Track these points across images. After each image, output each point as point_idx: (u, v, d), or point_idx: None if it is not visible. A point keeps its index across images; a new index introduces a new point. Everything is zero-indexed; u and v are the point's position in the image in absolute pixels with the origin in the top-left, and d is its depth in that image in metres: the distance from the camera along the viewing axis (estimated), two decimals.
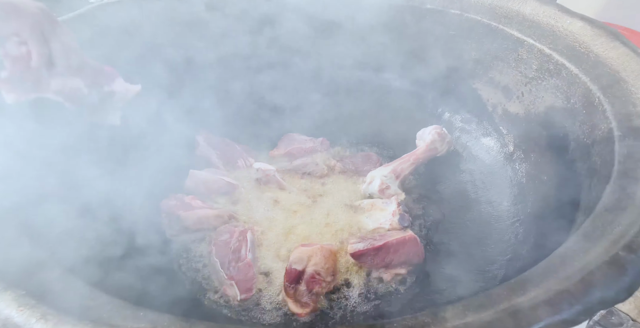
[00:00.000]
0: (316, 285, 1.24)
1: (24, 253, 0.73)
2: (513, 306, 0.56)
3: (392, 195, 1.55)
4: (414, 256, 1.34)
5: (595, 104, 1.09)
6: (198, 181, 1.57)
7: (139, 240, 1.35)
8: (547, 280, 0.61)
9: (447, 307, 0.61)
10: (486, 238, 1.40)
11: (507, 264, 1.26)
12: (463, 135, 1.79)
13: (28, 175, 0.99)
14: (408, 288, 1.30)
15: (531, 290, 0.59)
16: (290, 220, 1.51)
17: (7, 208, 0.82)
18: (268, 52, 1.86)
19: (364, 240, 1.37)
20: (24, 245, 0.77)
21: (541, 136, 1.42)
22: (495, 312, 0.56)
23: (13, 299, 0.58)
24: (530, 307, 0.54)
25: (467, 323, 0.56)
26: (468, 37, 1.65)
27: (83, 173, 1.19)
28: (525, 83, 1.49)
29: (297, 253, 1.29)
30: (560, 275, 0.61)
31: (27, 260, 0.69)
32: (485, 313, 0.57)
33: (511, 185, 1.51)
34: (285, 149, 1.79)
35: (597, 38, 1.20)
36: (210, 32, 1.72)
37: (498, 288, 0.63)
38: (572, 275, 0.59)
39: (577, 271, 0.60)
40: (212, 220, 1.46)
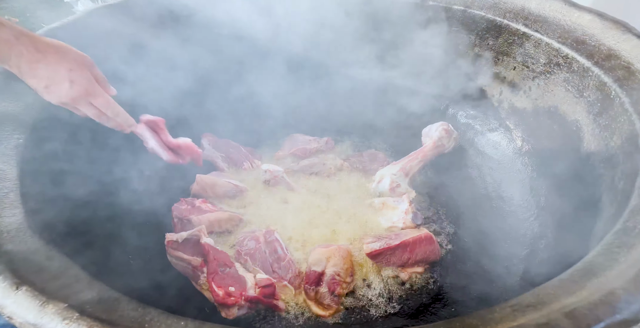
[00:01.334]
0: (337, 286, 1.22)
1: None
2: (566, 306, 0.55)
3: (403, 194, 1.54)
4: (431, 254, 1.33)
5: (611, 96, 1.09)
6: (205, 185, 1.54)
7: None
8: (595, 278, 0.60)
9: (494, 309, 0.60)
10: (501, 233, 1.39)
11: (526, 259, 1.25)
12: (468, 131, 1.79)
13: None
14: (427, 287, 1.29)
15: (581, 289, 0.58)
16: (302, 221, 1.49)
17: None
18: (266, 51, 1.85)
19: (380, 240, 1.36)
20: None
21: (551, 130, 1.42)
22: (548, 312, 0.55)
23: (55, 313, 0.56)
24: (586, 306, 0.53)
25: (521, 325, 0.54)
26: (472, 33, 1.65)
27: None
28: (532, 77, 1.49)
29: (315, 254, 1.28)
30: (611, 273, 0.60)
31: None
32: (537, 314, 0.55)
33: (522, 180, 1.51)
34: (289, 150, 1.77)
35: (607, 31, 1.20)
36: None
37: (544, 288, 0.61)
38: (624, 272, 0.59)
39: (629, 267, 0.59)
40: (223, 223, 1.44)
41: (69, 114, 1.03)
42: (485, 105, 1.73)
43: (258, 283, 1.23)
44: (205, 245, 1.29)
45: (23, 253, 0.65)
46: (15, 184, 0.79)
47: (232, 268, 1.28)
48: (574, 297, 0.57)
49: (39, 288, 0.59)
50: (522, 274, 1.20)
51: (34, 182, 0.86)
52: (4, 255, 0.64)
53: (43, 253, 0.66)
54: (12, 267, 0.61)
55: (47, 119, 1.03)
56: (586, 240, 0.99)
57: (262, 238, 1.36)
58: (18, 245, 0.67)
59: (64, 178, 1.04)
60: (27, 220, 0.73)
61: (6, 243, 0.66)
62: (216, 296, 1.20)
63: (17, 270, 0.61)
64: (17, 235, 0.69)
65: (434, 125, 1.71)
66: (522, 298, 0.61)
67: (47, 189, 0.92)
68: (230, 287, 1.22)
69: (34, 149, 0.93)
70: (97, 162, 1.21)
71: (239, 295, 1.20)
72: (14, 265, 0.62)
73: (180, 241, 1.31)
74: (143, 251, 1.33)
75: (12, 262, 0.62)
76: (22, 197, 0.77)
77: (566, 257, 1.08)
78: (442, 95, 1.87)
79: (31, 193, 0.82)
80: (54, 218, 0.86)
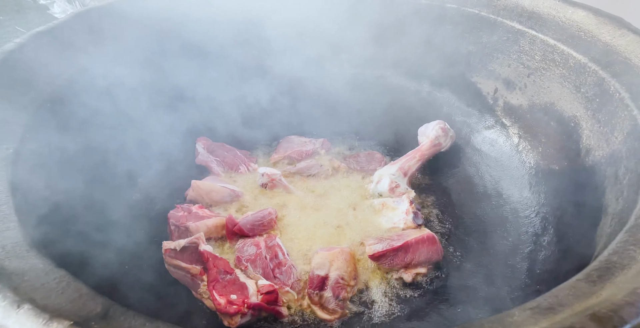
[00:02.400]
0: (342, 290, 1.20)
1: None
2: (589, 308, 0.53)
3: (403, 194, 1.53)
4: (434, 254, 1.32)
5: (610, 91, 1.09)
6: (201, 191, 1.51)
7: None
8: (614, 277, 0.59)
9: (512, 312, 0.58)
10: (503, 231, 1.39)
11: (529, 256, 1.25)
12: (464, 129, 1.78)
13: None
14: (431, 287, 1.28)
15: (601, 289, 0.57)
16: (302, 223, 1.47)
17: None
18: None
19: (382, 241, 1.35)
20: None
21: (548, 127, 1.42)
22: (570, 315, 0.53)
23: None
24: (609, 308, 0.52)
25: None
26: (465, 31, 1.64)
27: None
28: (528, 74, 1.49)
29: (318, 258, 1.26)
30: (629, 272, 0.59)
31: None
32: (559, 317, 0.54)
33: (520, 177, 1.50)
34: (284, 153, 1.74)
35: (602, 26, 1.20)
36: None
37: (561, 289, 0.60)
38: None
39: None
40: (221, 228, 1.41)
41: (59, 121, 0.99)
42: (480, 102, 1.73)
43: (260, 290, 1.21)
44: (205, 252, 1.26)
45: (22, 269, 0.62)
46: (7, 196, 0.75)
47: (232, 275, 1.26)
48: (594, 298, 0.56)
49: (41, 306, 0.56)
50: (527, 272, 1.20)
51: (26, 194, 0.82)
52: (2, 272, 0.60)
53: (42, 269, 0.63)
54: (11, 284, 0.58)
55: (37, 126, 0.99)
56: (591, 236, 0.99)
57: (262, 244, 1.34)
58: (16, 261, 0.63)
59: (57, 189, 1.00)
60: (23, 234, 0.69)
61: (3, 259, 0.63)
62: (218, 305, 1.17)
63: (17, 287, 0.58)
64: (13, 250, 0.65)
65: (430, 124, 1.70)
66: (541, 300, 0.59)
67: (40, 201, 0.88)
68: (232, 295, 1.19)
69: (25, 158, 0.89)
70: (89, 171, 1.17)
71: (242, 303, 1.17)
72: (13, 282, 0.59)
73: (178, 249, 1.28)
74: (139, 260, 1.30)
75: (11, 279, 0.59)
76: (15, 210, 0.74)
77: (571, 253, 1.08)
78: (436, 93, 1.86)
79: (25, 205, 0.78)
80: (49, 230, 0.82)
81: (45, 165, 1.00)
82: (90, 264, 1.07)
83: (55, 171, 1.04)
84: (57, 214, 0.96)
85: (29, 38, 1.18)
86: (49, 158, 1.02)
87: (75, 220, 1.08)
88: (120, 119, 1.41)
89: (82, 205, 1.13)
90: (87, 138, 1.24)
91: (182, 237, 1.38)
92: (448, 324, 1.15)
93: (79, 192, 1.13)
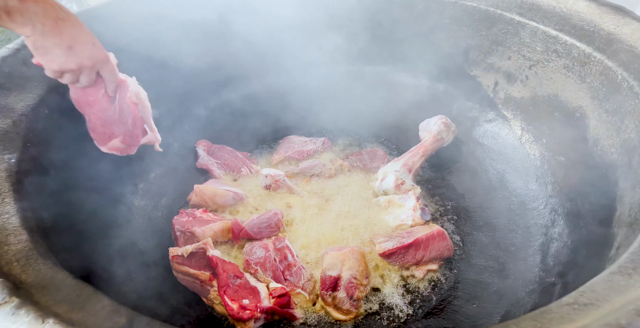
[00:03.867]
0: (355, 290, 1.19)
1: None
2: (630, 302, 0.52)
3: (408, 190, 1.52)
4: (444, 250, 1.31)
5: (618, 80, 1.09)
6: (204, 196, 1.47)
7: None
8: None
9: (550, 309, 0.57)
10: (511, 224, 1.38)
11: (541, 248, 1.24)
12: (465, 123, 1.77)
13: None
14: (444, 283, 1.27)
15: None
16: (308, 224, 1.45)
17: None
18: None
19: (392, 239, 1.33)
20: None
21: (552, 118, 1.41)
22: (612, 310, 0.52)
23: None
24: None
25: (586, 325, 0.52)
26: (464, 24, 1.63)
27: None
28: (529, 66, 1.48)
29: (329, 259, 1.23)
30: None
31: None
32: (601, 312, 0.53)
33: (525, 169, 1.50)
34: (285, 153, 1.71)
35: (605, 15, 1.20)
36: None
37: (596, 283, 0.59)
38: None
39: None
40: (227, 232, 1.38)
41: (60, 127, 0.96)
42: (480, 96, 1.72)
43: (272, 293, 1.19)
44: (213, 257, 1.23)
45: (41, 283, 0.59)
46: (14, 208, 0.72)
47: (242, 279, 1.23)
48: (634, 292, 0.55)
49: (66, 320, 0.53)
50: (540, 264, 1.19)
51: (33, 204, 0.78)
52: (22, 286, 0.57)
53: (61, 281, 0.60)
54: (32, 299, 0.55)
55: (37, 135, 0.95)
56: (607, 226, 0.98)
57: (271, 246, 1.32)
58: (33, 274, 0.60)
59: (62, 198, 0.96)
60: (36, 246, 0.66)
61: (20, 273, 0.60)
62: (231, 311, 1.14)
63: (38, 301, 0.55)
64: (28, 263, 0.62)
65: (432, 119, 1.69)
66: (577, 295, 0.58)
67: (47, 210, 0.84)
68: (244, 300, 1.17)
69: (28, 168, 0.85)
70: (92, 178, 1.13)
71: (254, 307, 1.15)
72: (34, 296, 0.56)
73: (185, 255, 1.25)
74: (146, 268, 1.27)
75: (31, 293, 0.56)
76: (24, 221, 0.70)
77: (586, 244, 1.08)
78: (435, 88, 1.85)
79: (32, 216, 0.75)
80: (58, 241, 0.79)
81: (46, 175, 0.96)
82: (95, 274, 1.04)
83: (56, 182, 1.00)
84: (61, 224, 0.93)
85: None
86: (50, 167, 0.98)
87: (79, 230, 1.05)
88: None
89: (85, 215, 1.10)
90: (84, 147, 1.20)
91: (188, 242, 1.35)
92: (465, 321, 1.14)
93: (81, 202, 1.09)
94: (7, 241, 0.65)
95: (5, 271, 0.60)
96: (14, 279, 0.59)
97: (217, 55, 1.66)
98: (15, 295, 0.55)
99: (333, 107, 1.91)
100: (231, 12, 1.63)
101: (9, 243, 0.65)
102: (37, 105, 0.98)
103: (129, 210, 1.38)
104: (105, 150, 1.19)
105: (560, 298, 0.59)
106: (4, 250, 0.64)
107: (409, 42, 1.77)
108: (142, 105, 1.21)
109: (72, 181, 1.06)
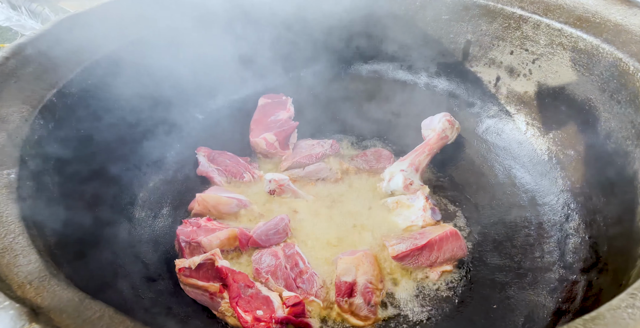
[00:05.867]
0: (372, 295, 1.15)
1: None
2: None
3: (417, 190, 1.49)
4: (458, 250, 1.28)
5: (630, 71, 1.07)
6: (208, 205, 1.42)
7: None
8: None
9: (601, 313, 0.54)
10: (523, 220, 1.36)
11: (557, 245, 1.22)
12: (468, 120, 1.75)
13: None
14: (460, 285, 1.24)
15: None
16: (317, 228, 1.41)
17: None
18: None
19: (405, 241, 1.30)
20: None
21: (559, 112, 1.40)
22: None
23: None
24: None
25: None
26: (463, 20, 1.61)
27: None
28: (532, 60, 1.46)
29: (343, 264, 1.20)
30: None
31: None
32: None
33: (533, 164, 1.48)
34: (293, 159, 1.65)
35: (611, 6, 1.19)
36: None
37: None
38: None
39: None
40: (233, 240, 1.33)
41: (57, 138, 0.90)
42: (482, 92, 1.70)
43: (286, 302, 1.14)
44: (223, 268, 1.19)
45: (58, 305, 0.54)
46: (20, 227, 0.66)
47: (253, 288, 1.19)
48: None
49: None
50: (559, 262, 1.17)
51: (37, 221, 0.73)
52: (40, 312, 0.52)
53: (79, 303, 0.55)
54: (53, 324, 0.50)
55: (34, 147, 0.90)
56: (629, 219, 0.96)
57: (281, 253, 1.27)
58: (49, 297, 0.55)
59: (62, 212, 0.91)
60: (47, 266, 0.61)
61: (34, 296, 0.55)
62: (245, 323, 1.10)
63: (59, 327, 0.50)
64: (42, 285, 0.57)
65: (435, 117, 1.67)
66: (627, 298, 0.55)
67: (50, 228, 0.79)
68: (258, 311, 1.12)
69: (28, 183, 0.80)
70: (91, 189, 1.08)
71: (269, 318, 1.10)
72: (54, 321, 0.51)
73: (193, 267, 1.20)
74: (152, 282, 1.22)
75: (50, 319, 0.51)
76: (32, 241, 0.65)
77: (606, 239, 1.06)
78: (434, 86, 1.83)
79: (38, 235, 0.70)
80: (63, 259, 0.74)
81: (47, 190, 0.91)
82: (101, 291, 0.98)
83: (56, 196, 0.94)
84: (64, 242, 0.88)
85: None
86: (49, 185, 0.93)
87: (81, 246, 0.99)
88: (113, 132, 1.32)
89: (86, 229, 1.04)
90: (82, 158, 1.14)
91: (194, 253, 1.30)
92: (485, 323, 1.11)
93: (81, 215, 1.04)
94: (16, 262, 0.60)
95: (20, 295, 0.55)
96: (30, 303, 0.54)
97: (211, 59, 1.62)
98: (35, 321, 0.50)
99: (333, 107, 1.88)
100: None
101: (19, 265, 0.60)
102: (32, 117, 0.92)
103: (129, 221, 1.33)
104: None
105: (591, 296, 0.56)
106: (14, 272, 0.59)
107: (408, 39, 1.75)
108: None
109: (72, 194, 1.01)
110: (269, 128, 1.66)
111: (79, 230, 0.97)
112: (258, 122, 1.71)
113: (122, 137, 1.35)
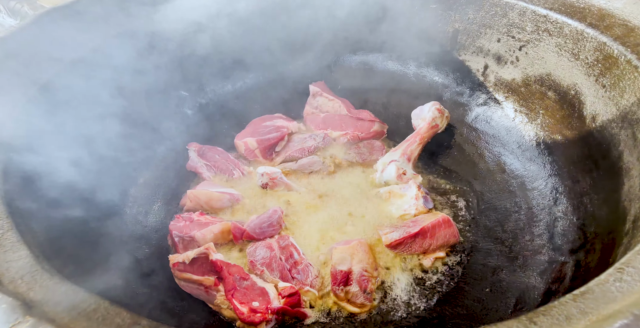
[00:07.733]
0: (368, 282, 1.16)
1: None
2: None
3: (409, 179, 1.50)
4: (451, 237, 1.30)
5: (615, 55, 1.09)
6: (199, 201, 1.42)
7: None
8: None
9: (590, 288, 0.55)
10: (513, 205, 1.38)
11: (547, 228, 1.24)
12: (457, 109, 1.76)
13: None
14: (453, 270, 1.26)
15: None
16: (310, 220, 1.42)
17: None
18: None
19: (398, 229, 1.31)
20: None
21: (546, 97, 1.41)
22: None
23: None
24: None
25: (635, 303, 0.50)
26: (451, 9, 1.62)
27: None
28: (519, 47, 1.48)
29: (338, 253, 1.21)
30: None
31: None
32: None
33: (522, 150, 1.50)
34: (286, 153, 1.65)
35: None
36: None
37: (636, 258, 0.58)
38: None
39: None
40: (227, 234, 1.33)
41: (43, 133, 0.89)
42: (470, 80, 1.71)
43: (282, 293, 1.15)
44: (217, 261, 1.19)
45: (52, 299, 0.54)
46: (9, 222, 0.66)
47: (248, 280, 1.19)
48: None
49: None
50: (548, 244, 1.19)
51: (25, 217, 0.72)
52: (34, 306, 0.52)
53: (73, 296, 0.55)
54: (48, 317, 0.50)
55: (20, 142, 0.89)
56: (615, 201, 0.98)
57: (275, 245, 1.28)
58: (41, 291, 0.55)
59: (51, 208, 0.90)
60: (38, 261, 0.61)
61: (27, 291, 0.54)
62: (241, 314, 1.10)
63: (54, 319, 0.50)
64: (33, 279, 0.57)
65: (424, 106, 1.67)
66: (615, 272, 0.56)
67: (39, 223, 0.78)
68: (254, 302, 1.13)
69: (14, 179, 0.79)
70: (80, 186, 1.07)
71: (265, 309, 1.11)
72: (48, 314, 0.51)
73: (187, 262, 1.20)
74: (146, 277, 1.21)
75: (46, 312, 0.51)
76: (21, 236, 0.64)
77: (593, 220, 1.08)
78: (423, 75, 1.84)
79: (27, 230, 0.69)
80: (56, 252, 0.73)
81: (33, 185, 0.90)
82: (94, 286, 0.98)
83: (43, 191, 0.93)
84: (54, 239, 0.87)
85: None
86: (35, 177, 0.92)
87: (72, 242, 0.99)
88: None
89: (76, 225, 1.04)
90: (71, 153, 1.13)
91: (188, 247, 1.30)
92: (478, 305, 1.13)
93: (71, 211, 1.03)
94: (6, 258, 0.59)
95: (11, 289, 0.55)
96: (23, 298, 0.53)
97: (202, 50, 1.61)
98: (29, 314, 0.50)
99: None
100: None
101: (9, 261, 0.59)
102: (18, 112, 0.91)
103: (120, 218, 1.32)
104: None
105: (580, 276, 0.57)
106: (5, 267, 0.58)
107: (394, 29, 1.75)
108: None
109: (60, 190, 1.00)
110: (256, 132, 1.63)
111: (69, 227, 0.96)
112: (255, 122, 1.70)
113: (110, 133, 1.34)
